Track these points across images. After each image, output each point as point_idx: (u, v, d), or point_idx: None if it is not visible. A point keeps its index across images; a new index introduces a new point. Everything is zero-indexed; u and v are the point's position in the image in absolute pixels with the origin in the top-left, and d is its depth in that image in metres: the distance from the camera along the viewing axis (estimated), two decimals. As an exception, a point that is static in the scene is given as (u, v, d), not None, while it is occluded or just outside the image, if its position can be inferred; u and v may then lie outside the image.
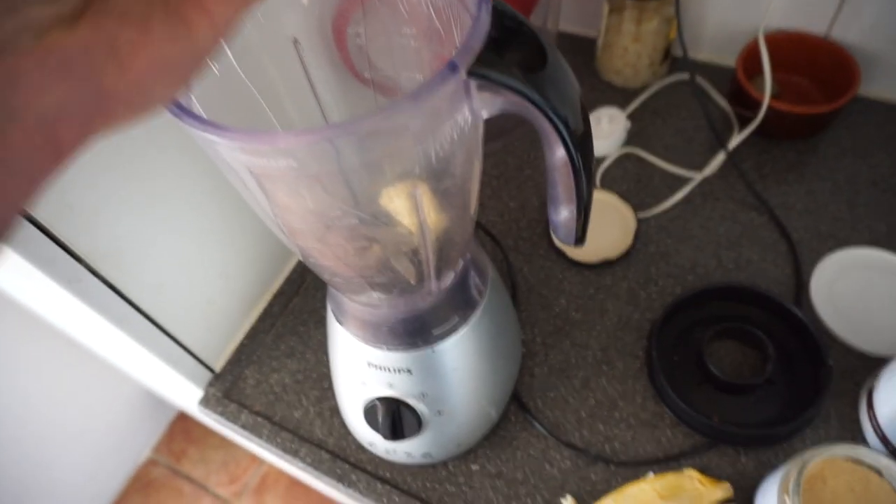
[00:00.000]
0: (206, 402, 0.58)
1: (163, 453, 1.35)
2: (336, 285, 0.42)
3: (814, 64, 0.67)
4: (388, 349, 0.43)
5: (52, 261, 0.42)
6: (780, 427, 0.49)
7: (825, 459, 0.43)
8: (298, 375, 0.58)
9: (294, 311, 0.62)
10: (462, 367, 0.46)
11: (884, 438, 0.48)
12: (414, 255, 0.36)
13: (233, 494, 1.29)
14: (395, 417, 0.46)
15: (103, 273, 0.45)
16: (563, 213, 0.35)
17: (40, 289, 0.44)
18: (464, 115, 0.28)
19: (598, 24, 0.71)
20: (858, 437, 0.50)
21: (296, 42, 0.37)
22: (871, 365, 0.52)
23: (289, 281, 0.64)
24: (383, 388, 0.45)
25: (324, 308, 0.62)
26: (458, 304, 0.43)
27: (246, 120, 0.37)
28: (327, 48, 0.39)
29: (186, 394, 0.60)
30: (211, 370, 0.59)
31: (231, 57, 0.34)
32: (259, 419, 0.56)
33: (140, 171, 0.46)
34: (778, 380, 0.52)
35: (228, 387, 0.58)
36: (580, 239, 0.36)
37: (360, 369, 0.46)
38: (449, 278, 0.41)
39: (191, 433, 1.37)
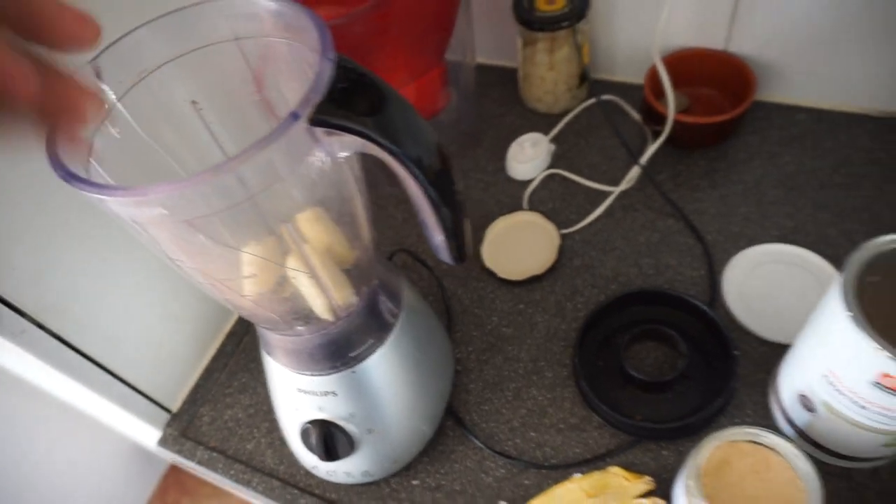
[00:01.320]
0: (164, 441, 0.61)
1: (157, 506, 1.37)
2: (252, 319, 0.45)
3: (717, 76, 0.71)
4: (313, 374, 0.47)
5: (-4, 317, 0.46)
6: (693, 418, 0.52)
7: (729, 443, 0.46)
8: (250, 409, 0.62)
9: (245, 349, 0.66)
10: (386, 387, 0.49)
11: (789, 420, 0.51)
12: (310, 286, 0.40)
13: (228, 541, 1.31)
14: (327, 439, 0.49)
15: (49, 325, 0.49)
16: (438, 237, 0.39)
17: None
18: (319, 157, 0.32)
19: (516, 56, 0.76)
20: (771, 423, 0.53)
21: (194, 104, 0.41)
22: (780, 353, 0.55)
23: (240, 321, 0.68)
24: (314, 411, 0.49)
25: (273, 344, 0.65)
26: (371, 327, 0.47)
27: (156, 179, 0.42)
28: (229, 104, 0.43)
29: (146, 435, 0.63)
30: (168, 411, 0.62)
31: (131, 120, 0.38)
32: (214, 454, 0.59)
33: (81, 229, 0.50)
34: (695, 375, 0.55)
35: (185, 426, 0.62)
36: (459, 258, 0.40)
37: (293, 396, 0.49)
38: (353, 304, 0.45)
39: (184, 485, 1.39)
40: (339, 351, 0.46)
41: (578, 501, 0.51)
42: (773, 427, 0.53)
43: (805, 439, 0.50)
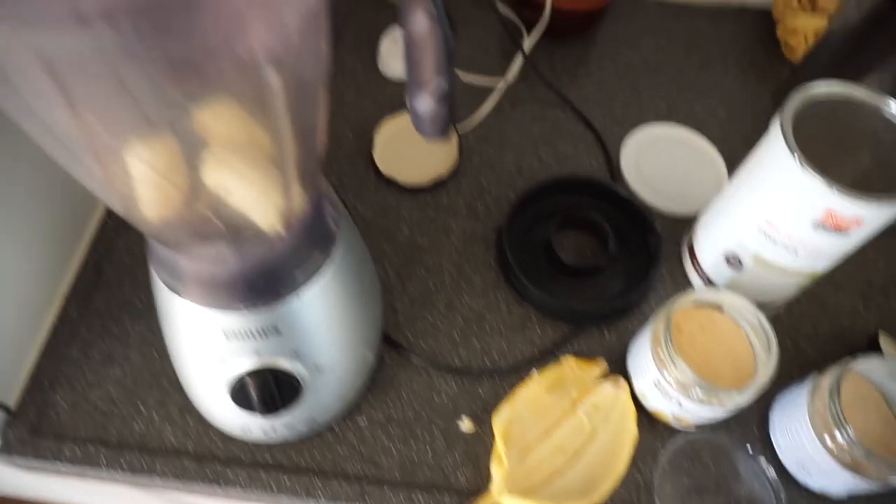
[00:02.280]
0: (8, 449, 0.45)
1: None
2: (167, 238, 0.34)
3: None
4: (247, 309, 0.37)
5: None
6: (631, 295, 0.52)
7: (678, 311, 0.47)
8: (126, 382, 0.48)
9: (98, 311, 0.51)
10: (333, 311, 0.41)
11: (708, 280, 0.54)
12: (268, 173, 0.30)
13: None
14: (270, 388, 0.40)
15: None
16: (426, 102, 0.32)
17: None
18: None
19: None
20: (689, 288, 0.56)
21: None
22: (683, 224, 0.58)
23: (82, 278, 0.53)
24: (249, 358, 0.39)
25: (137, 297, 0.52)
26: (318, 237, 0.38)
27: None
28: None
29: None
30: (6, 409, 0.46)
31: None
32: (90, 447, 0.46)
33: None
34: (619, 256, 0.56)
35: (35, 422, 0.47)
36: (446, 130, 0.33)
37: (216, 343, 0.39)
38: (306, 205, 0.35)
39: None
40: (284, 272, 0.37)
41: (539, 399, 0.49)
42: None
43: (725, 296, 0.54)
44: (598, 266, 0.54)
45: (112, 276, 0.53)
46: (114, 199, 0.29)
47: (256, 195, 0.31)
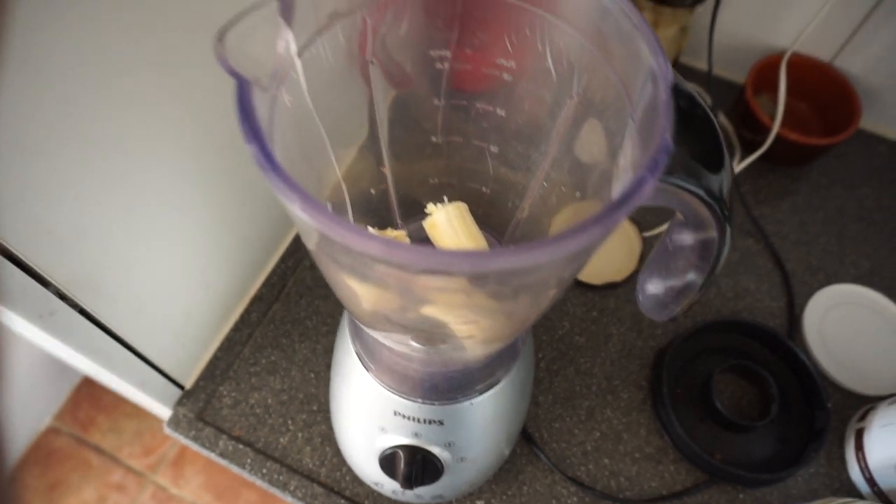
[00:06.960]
0: (175, 423, 0.51)
1: (66, 422, 1.23)
2: (373, 325, 0.36)
3: (816, 91, 0.66)
4: (423, 402, 0.39)
5: (22, 293, 0.33)
6: (782, 471, 0.50)
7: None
8: (283, 395, 0.53)
9: (275, 321, 0.56)
10: (495, 415, 0.42)
11: (871, 480, 0.50)
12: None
13: (147, 467, 1.21)
14: (416, 466, 0.42)
15: (81, 301, 0.37)
16: (659, 288, 0.32)
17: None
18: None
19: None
20: (843, 474, 0.52)
21: (371, 63, 0.30)
22: (857, 403, 0.55)
23: (268, 285, 0.57)
24: (407, 437, 0.41)
25: (309, 318, 0.56)
26: (505, 357, 0.40)
27: (302, 154, 0.31)
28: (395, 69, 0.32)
29: (149, 408, 0.52)
30: (180, 387, 0.52)
31: (303, 83, 0.27)
32: (240, 446, 0.50)
33: (113, 180, 0.38)
34: (776, 419, 0.53)
35: (202, 407, 0.52)
36: (672, 317, 0.33)
37: (383, 416, 0.41)
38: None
39: (99, 400, 1.26)
40: (467, 384, 0.38)
41: (656, 542, 0.49)
42: (844, 477, 0.52)
43: (882, 500, 0.50)
44: (753, 425, 0.52)
45: (293, 291, 0.57)
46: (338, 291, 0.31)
47: (470, 335, 0.32)
